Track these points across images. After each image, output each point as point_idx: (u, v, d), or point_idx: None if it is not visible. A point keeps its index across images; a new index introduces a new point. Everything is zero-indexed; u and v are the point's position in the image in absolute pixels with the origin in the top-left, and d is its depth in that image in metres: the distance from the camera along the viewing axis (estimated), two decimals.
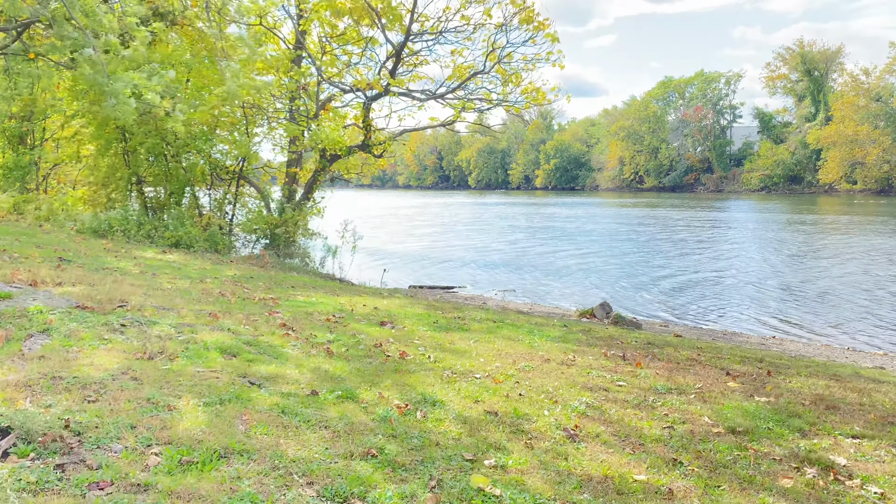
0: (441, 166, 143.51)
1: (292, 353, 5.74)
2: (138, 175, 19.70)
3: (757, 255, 26.18)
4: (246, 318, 7.20)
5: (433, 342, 6.85)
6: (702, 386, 5.63)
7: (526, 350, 6.74)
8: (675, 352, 7.36)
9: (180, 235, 15.98)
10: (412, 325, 7.75)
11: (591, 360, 6.49)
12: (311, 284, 12.02)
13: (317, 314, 8.11)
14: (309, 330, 6.88)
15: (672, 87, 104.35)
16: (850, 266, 22.73)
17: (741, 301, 17.67)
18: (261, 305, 8.38)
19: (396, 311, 8.85)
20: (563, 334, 7.93)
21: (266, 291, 9.85)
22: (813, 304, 16.84)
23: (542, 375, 5.69)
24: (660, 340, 8.41)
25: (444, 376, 5.40)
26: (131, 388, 4.08)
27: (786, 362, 7.32)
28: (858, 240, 30.82)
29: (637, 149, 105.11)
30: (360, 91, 15.66)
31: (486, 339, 7.17)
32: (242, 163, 18.87)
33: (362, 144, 17.02)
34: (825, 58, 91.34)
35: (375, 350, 6.16)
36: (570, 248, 30.20)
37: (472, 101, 17.45)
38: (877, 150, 78.33)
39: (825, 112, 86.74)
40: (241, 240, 18.47)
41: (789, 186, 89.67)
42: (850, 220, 42.47)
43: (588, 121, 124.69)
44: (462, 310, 9.71)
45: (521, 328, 8.11)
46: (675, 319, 15.42)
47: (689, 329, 13.58)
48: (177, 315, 6.74)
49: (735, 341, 12.02)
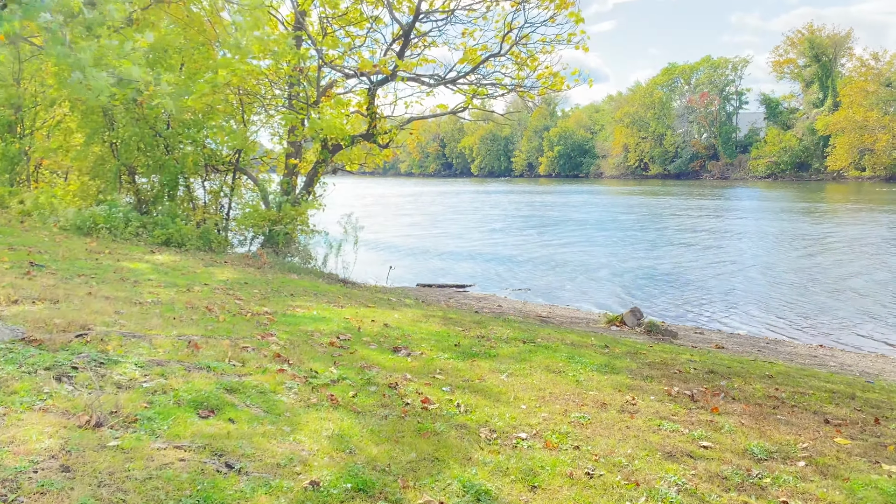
0: (444, 154, 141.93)
1: (287, 402, 4.54)
2: (128, 166, 18.52)
3: (770, 248, 24.99)
4: (233, 345, 6.00)
5: (459, 377, 5.66)
6: (806, 446, 4.44)
7: (573, 388, 5.54)
8: (746, 384, 6.16)
9: (171, 233, 14.77)
10: (431, 351, 6.55)
11: (655, 402, 5.29)
12: (311, 290, 10.82)
13: (318, 335, 6.91)
14: (308, 362, 5.69)
15: (677, 73, 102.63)
16: (868, 259, 21.52)
17: (761, 297, 16.50)
18: (253, 324, 7.18)
19: (410, 330, 7.65)
20: (609, 360, 6.73)
21: (261, 303, 8.66)
22: (837, 302, 15.68)
23: (605, 432, 4.50)
24: (718, 363, 7.21)
25: (483, 438, 4.21)
26: (56, 489, 2.88)
27: (878, 397, 6.13)
28: (874, 230, 29.58)
29: (642, 135, 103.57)
30: (365, 76, 14.40)
31: (520, 371, 5.98)
32: (239, 153, 17.66)
33: (367, 133, 15.78)
34: (834, 42, 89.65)
35: (391, 393, 4.97)
36: (578, 239, 29.00)
37: (485, 87, 16.17)
38: (886, 136, 76.91)
39: (833, 98, 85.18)
40: (238, 235, 17.27)
41: (796, 173, 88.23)
42: (862, 208, 41.20)
43: (592, 107, 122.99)
44: (484, 325, 8.51)
45: (557, 352, 6.91)
46: (705, 324, 14.26)
47: (726, 337, 12.40)
48: (148, 346, 5.54)
49: (783, 353, 10.84)
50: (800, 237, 28.13)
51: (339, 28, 16.14)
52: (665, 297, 17.06)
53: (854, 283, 18.12)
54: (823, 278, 18.92)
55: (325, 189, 17.65)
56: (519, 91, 16.67)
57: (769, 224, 34.02)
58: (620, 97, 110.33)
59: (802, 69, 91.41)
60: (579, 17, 13.22)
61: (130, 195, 18.91)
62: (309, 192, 16.64)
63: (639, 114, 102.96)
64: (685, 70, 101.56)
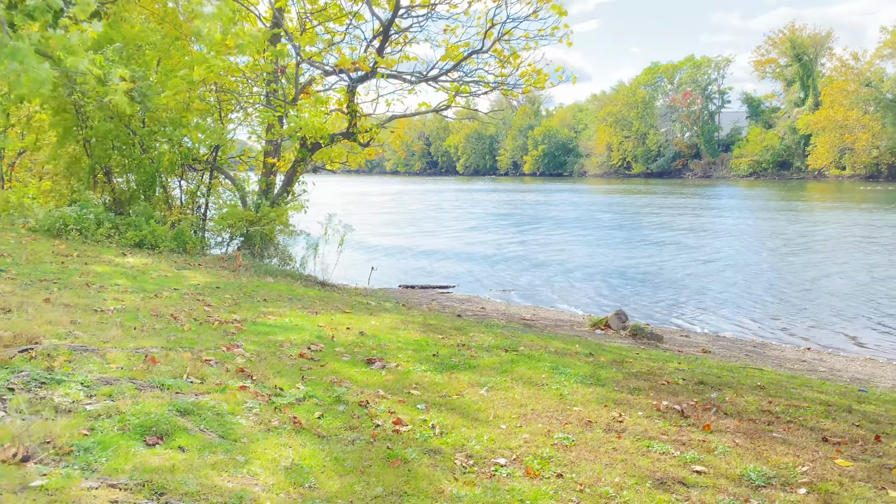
0: (429, 152, 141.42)
1: (245, 426, 4.17)
2: (103, 165, 18.03)
3: (752, 247, 24.89)
4: (195, 358, 5.62)
5: (436, 392, 5.31)
6: (806, 469, 4.14)
7: (556, 403, 5.21)
8: (738, 396, 5.86)
9: (144, 234, 14.29)
10: (407, 363, 6.19)
11: (643, 419, 4.97)
12: (287, 294, 10.43)
13: (288, 346, 6.53)
14: (274, 377, 5.31)
15: (660, 72, 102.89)
16: (848, 259, 21.45)
17: (745, 297, 16.32)
18: (220, 334, 6.79)
19: (387, 338, 7.28)
20: (594, 370, 6.41)
21: (231, 309, 8.25)
22: (821, 302, 15.52)
23: (590, 455, 4.16)
24: (707, 373, 6.92)
25: (458, 466, 3.86)
26: None
27: (876, 409, 5.85)
28: (853, 229, 29.60)
29: (625, 134, 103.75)
30: (345, 73, 13.98)
31: (501, 385, 5.64)
32: (216, 152, 17.20)
33: (346, 132, 15.37)
34: (814, 42, 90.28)
35: (360, 413, 4.61)
36: (561, 238, 28.76)
37: (467, 84, 15.82)
38: (866, 135, 77.50)
39: (814, 97, 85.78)
40: (217, 237, 16.79)
41: (778, 172, 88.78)
42: (842, 206, 41.33)
43: (576, 106, 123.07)
44: (465, 331, 8.16)
45: (540, 361, 6.58)
46: (690, 325, 14.03)
47: (712, 340, 12.16)
48: (100, 361, 5.14)
49: (771, 357, 10.61)
50: (781, 236, 28.09)
51: (319, 24, 15.71)
52: (649, 297, 16.82)
53: (837, 282, 17.99)
54: (806, 278, 18.78)
55: (305, 188, 17.23)
56: (503, 89, 16.34)
57: (751, 223, 34.01)
58: (604, 96, 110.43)
59: (784, 69, 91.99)
60: (562, 10, 12.90)
61: (106, 195, 18.42)
62: (288, 192, 16.20)
63: (622, 113, 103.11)
64: (668, 69, 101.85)
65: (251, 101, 15.13)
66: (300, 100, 15.10)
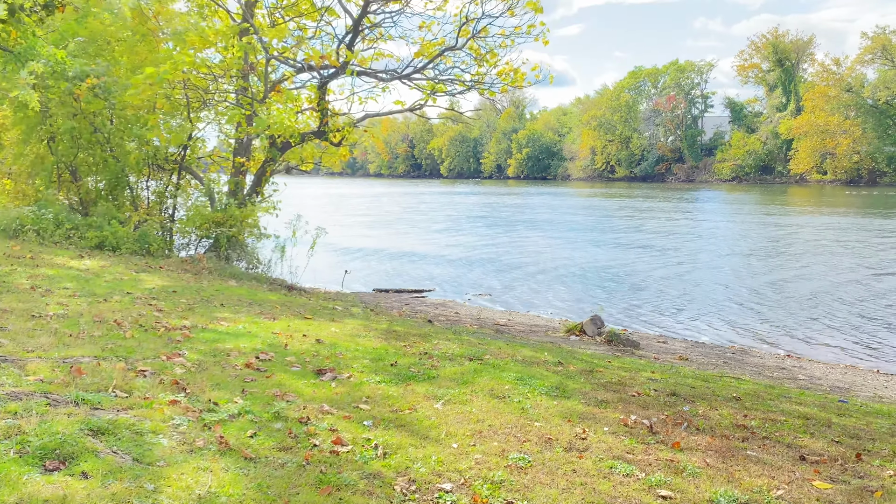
0: (413, 154, 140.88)
1: (166, 447, 3.75)
2: (68, 165, 17.49)
3: (733, 252, 24.72)
4: (128, 368, 5.19)
5: (387, 407, 4.91)
6: (782, 493, 3.78)
7: (516, 418, 4.83)
8: (711, 409, 5.52)
9: (105, 236, 13.77)
10: (361, 373, 5.79)
11: (609, 435, 4.60)
12: (247, 299, 9.98)
13: (236, 354, 6.11)
14: (211, 390, 4.89)
15: (644, 76, 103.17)
16: (829, 263, 21.31)
17: (725, 302, 16.07)
18: (164, 341, 6.35)
19: (345, 346, 6.87)
20: (561, 381, 6.04)
21: (182, 315, 7.81)
22: (801, 307, 15.30)
23: (546, 478, 3.78)
24: (681, 383, 6.57)
25: (398, 492, 3.46)
26: None
27: (856, 423, 5.53)
28: (834, 234, 29.57)
29: (609, 138, 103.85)
30: (314, 68, 13.55)
31: (460, 398, 5.25)
32: (184, 151, 16.69)
33: (318, 131, 14.93)
34: (796, 48, 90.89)
35: (299, 432, 4.20)
36: (542, 242, 28.46)
37: (443, 83, 15.44)
38: (847, 140, 78.08)
39: (796, 102, 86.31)
40: (185, 238, 16.25)
41: (760, 176, 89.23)
42: (823, 211, 41.40)
43: (560, 110, 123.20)
44: (430, 339, 7.77)
45: (505, 371, 6.20)
46: (667, 331, 13.73)
47: (690, 346, 11.85)
48: (17, 373, 4.70)
49: (751, 364, 10.31)
50: (762, 240, 27.97)
51: (290, 19, 15.26)
52: (628, 301, 16.52)
53: (819, 287, 17.79)
54: (787, 283, 18.59)
55: (276, 189, 16.76)
56: (479, 88, 15.99)
57: (732, 227, 33.92)
58: (588, 100, 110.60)
59: (766, 73, 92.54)
60: (538, 6, 12.55)
61: (72, 196, 17.88)
62: (257, 193, 15.73)
63: (606, 117, 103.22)
64: (652, 73, 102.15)
65: (217, 99, 14.63)
66: (270, 97, 14.65)
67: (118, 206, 16.47)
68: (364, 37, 14.16)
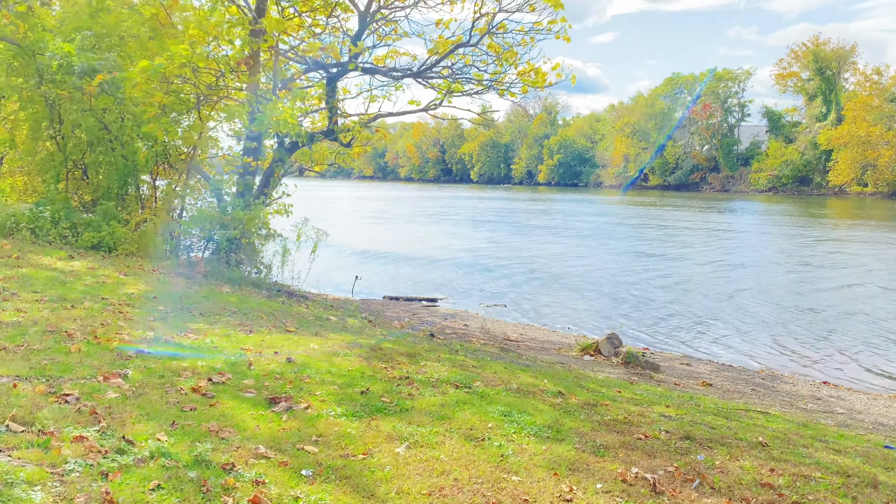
0: (443, 159, 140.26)
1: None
2: (77, 162, 17.14)
3: (769, 268, 23.46)
4: (49, 391, 4.50)
5: (337, 450, 4.13)
6: None
7: (490, 470, 4.01)
8: (731, 459, 4.63)
9: (102, 236, 13.26)
10: (322, 403, 5.02)
11: (601, 497, 3.77)
12: (234, 307, 9.30)
13: (188, 375, 5.39)
14: (136, 423, 4.17)
15: (680, 83, 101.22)
16: (872, 283, 19.99)
17: (757, 322, 14.98)
18: (112, 357, 5.67)
19: (317, 367, 6.11)
20: (557, 418, 5.21)
21: (151, 325, 7.13)
22: (839, 329, 14.13)
23: None
24: (698, 420, 5.68)
25: None
26: None
27: None
28: (878, 249, 28.07)
29: (643, 146, 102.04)
30: (321, 65, 12.89)
31: (430, 439, 4.45)
32: (194, 150, 16.21)
33: (327, 130, 14.28)
34: (838, 56, 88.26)
35: (215, 483, 3.44)
36: (567, 251, 27.47)
37: (459, 82, 14.68)
38: (890, 151, 75.46)
39: (837, 112, 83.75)
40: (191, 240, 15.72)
41: (798, 187, 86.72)
42: (865, 224, 39.61)
43: (593, 116, 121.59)
44: (418, 359, 6.97)
45: (493, 404, 5.38)
46: (693, 350, 12.76)
47: (716, 369, 10.88)
48: None
49: (782, 392, 9.32)
50: (800, 256, 26.64)
51: (304, 14, 14.65)
52: (651, 316, 15.54)
53: (858, 308, 16.60)
54: (824, 303, 17.40)
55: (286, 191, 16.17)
56: (499, 88, 15.20)
57: (769, 241, 32.54)
58: (621, 107, 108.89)
59: (806, 83, 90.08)
60: (558, 1, 11.72)
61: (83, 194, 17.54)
62: (265, 195, 15.11)
63: (640, 124, 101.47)
64: (689, 80, 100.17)
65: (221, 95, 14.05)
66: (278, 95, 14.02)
67: (125, 205, 16.02)
68: (375, 31, 13.46)
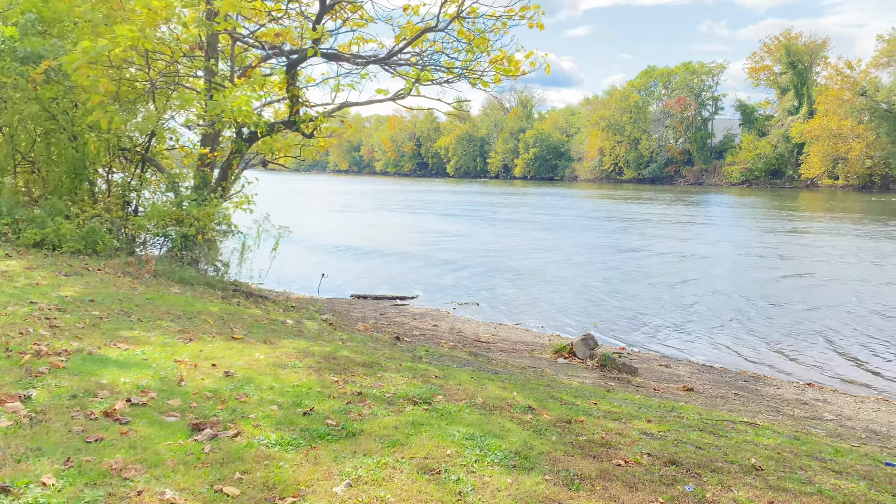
0: (419, 153, 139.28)
1: None
2: (24, 155, 16.26)
3: (744, 263, 23.13)
4: None
5: (263, 491, 3.46)
6: None
7: None
8: (725, 491, 4.05)
9: (46, 233, 12.39)
10: (256, 428, 4.34)
11: None
12: (180, 311, 8.56)
13: (106, 394, 4.69)
14: (25, 461, 3.47)
15: (655, 76, 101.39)
16: (845, 277, 19.74)
17: (734, 318, 14.53)
18: (20, 374, 4.94)
19: (259, 382, 5.43)
20: (527, 439, 4.59)
21: (78, 334, 6.38)
22: (817, 326, 13.73)
23: None
24: (683, 439, 5.10)
25: None
26: None
27: None
28: (850, 242, 27.98)
29: (617, 139, 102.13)
30: (281, 52, 12.13)
31: (377, 474, 3.80)
32: (150, 141, 15.38)
33: (288, 120, 13.52)
34: (810, 50, 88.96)
35: None
36: (542, 246, 26.94)
37: (429, 70, 14.01)
38: (860, 145, 76.22)
39: (809, 105, 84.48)
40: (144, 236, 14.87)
41: (770, 180, 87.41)
42: (836, 216, 39.70)
43: (569, 110, 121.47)
44: (376, 370, 6.31)
45: (456, 423, 4.75)
46: (670, 349, 12.26)
47: (697, 371, 10.37)
48: None
49: (767, 396, 8.83)
50: (774, 249, 26.42)
51: None
52: (628, 314, 15.05)
53: (840, 303, 16.26)
54: (801, 296, 17.07)
55: (247, 184, 15.43)
56: (471, 77, 14.55)
57: (742, 234, 32.38)
58: (596, 100, 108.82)
59: (778, 76, 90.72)
60: None
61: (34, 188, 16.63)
62: (222, 188, 14.33)
63: (615, 117, 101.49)
64: (664, 73, 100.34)
65: (168, 81, 13.23)
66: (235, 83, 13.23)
67: (77, 199, 15.13)
68: (337, 15, 12.73)
